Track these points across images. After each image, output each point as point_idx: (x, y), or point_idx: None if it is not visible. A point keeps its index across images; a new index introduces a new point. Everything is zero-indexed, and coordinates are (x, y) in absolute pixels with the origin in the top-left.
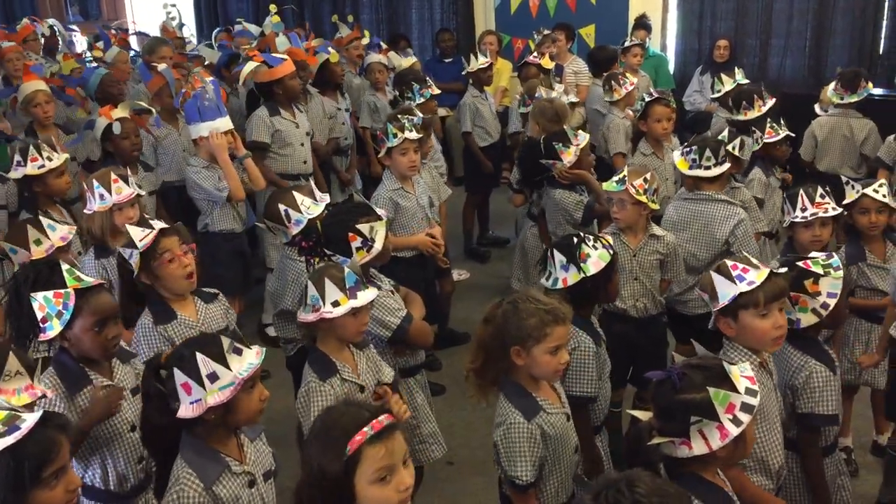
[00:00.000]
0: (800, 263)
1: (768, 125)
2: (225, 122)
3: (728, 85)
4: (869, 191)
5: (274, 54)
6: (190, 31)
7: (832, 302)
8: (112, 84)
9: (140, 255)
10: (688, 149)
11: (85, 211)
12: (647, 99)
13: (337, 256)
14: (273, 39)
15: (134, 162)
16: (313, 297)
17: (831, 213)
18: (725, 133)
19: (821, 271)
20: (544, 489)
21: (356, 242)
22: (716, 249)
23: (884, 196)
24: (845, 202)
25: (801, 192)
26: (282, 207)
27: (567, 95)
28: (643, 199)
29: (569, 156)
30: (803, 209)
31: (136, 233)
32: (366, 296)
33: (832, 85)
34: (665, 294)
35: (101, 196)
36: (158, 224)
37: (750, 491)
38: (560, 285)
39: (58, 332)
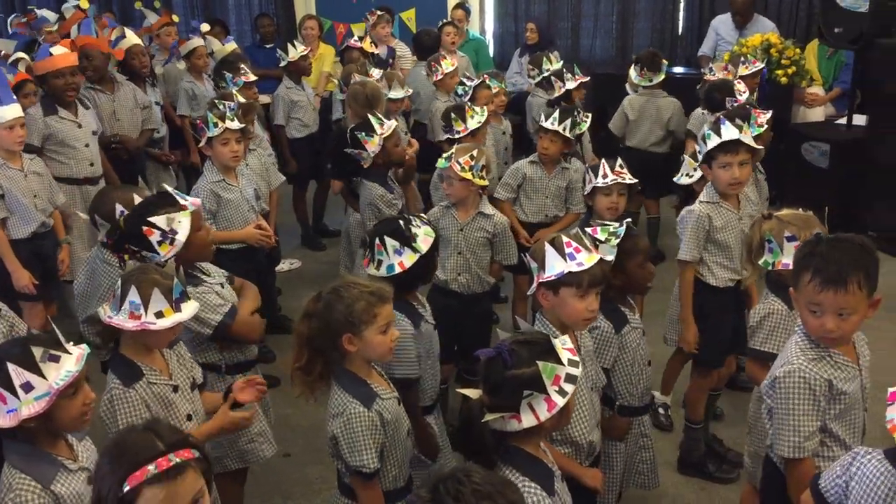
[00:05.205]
0: (588, 229)
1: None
2: (7, 111)
3: (546, 65)
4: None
5: (56, 47)
6: None
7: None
8: None
9: None
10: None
11: None
12: (469, 82)
13: (146, 253)
14: (70, 27)
15: None
16: (133, 303)
17: (629, 180)
18: (556, 115)
19: (602, 238)
20: (386, 475)
21: (153, 236)
22: None
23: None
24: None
25: (603, 161)
26: (118, 207)
27: (400, 90)
28: (468, 175)
29: (372, 145)
30: (604, 176)
31: None
32: (190, 308)
33: (633, 69)
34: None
35: None
36: None
37: (560, 462)
38: (398, 270)
39: None
